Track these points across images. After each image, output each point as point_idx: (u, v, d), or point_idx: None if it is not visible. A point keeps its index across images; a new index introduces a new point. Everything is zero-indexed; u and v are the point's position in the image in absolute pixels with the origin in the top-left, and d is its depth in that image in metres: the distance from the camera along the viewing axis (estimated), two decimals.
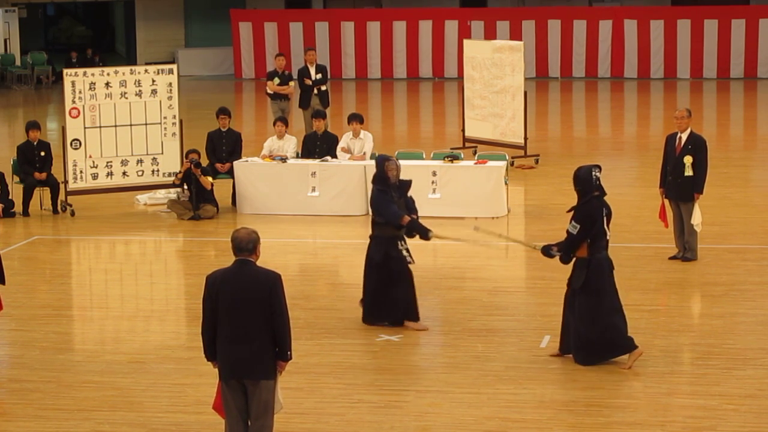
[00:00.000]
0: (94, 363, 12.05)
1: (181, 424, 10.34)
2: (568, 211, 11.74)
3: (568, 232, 11.61)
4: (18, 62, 41.13)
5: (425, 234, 12.93)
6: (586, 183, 11.60)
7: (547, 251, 11.89)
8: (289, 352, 8.95)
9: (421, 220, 13.10)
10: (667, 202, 15.58)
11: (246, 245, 8.87)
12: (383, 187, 12.86)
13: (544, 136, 27.05)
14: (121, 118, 19.14)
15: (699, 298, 14.25)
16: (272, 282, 8.84)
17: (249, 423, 9.02)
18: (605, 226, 11.60)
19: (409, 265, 12.96)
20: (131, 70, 19.47)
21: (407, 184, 13.10)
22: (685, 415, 10.39)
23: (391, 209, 12.76)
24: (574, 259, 11.69)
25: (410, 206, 13.03)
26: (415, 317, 13.02)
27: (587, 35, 38.91)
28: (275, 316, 8.83)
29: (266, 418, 8.98)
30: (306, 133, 21.20)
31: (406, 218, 12.80)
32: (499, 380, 11.33)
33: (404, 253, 12.91)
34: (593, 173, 11.59)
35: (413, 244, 13.22)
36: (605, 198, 11.71)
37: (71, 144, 18.98)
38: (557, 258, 11.85)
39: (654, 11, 38.83)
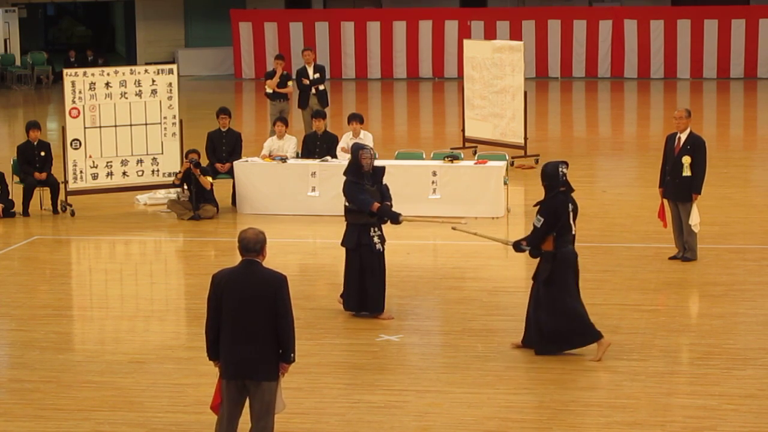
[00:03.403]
0: (94, 363, 12.05)
1: (181, 424, 10.34)
2: (535, 205, 11.99)
3: (533, 225, 11.88)
4: (18, 62, 41.14)
5: (395, 219, 13.22)
6: (553, 179, 11.84)
7: (517, 246, 12.17)
8: (292, 355, 8.95)
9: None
10: (665, 202, 15.59)
11: (254, 246, 8.87)
12: (355, 179, 13.10)
13: (544, 136, 27.05)
14: (121, 118, 19.14)
15: (699, 298, 14.24)
16: (278, 284, 8.84)
17: (251, 422, 9.03)
18: (571, 221, 11.85)
19: (381, 253, 13.19)
20: (131, 70, 19.47)
21: (381, 170, 13.33)
22: (685, 415, 10.39)
23: (362, 197, 13.01)
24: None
25: (384, 193, 13.26)
26: (381, 309, 13.22)
27: (587, 35, 38.91)
28: (279, 318, 8.83)
29: (267, 420, 8.99)
30: (305, 133, 21.20)
31: (376, 205, 13.05)
32: (499, 380, 11.33)
33: (375, 239, 13.10)
34: (560, 169, 11.85)
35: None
36: (573, 194, 11.96)
37: (71, 144, 18.98)
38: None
39: (654, 11, 38.84)
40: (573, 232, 11.88)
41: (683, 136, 15.38)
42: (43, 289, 15.19)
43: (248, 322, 8.82)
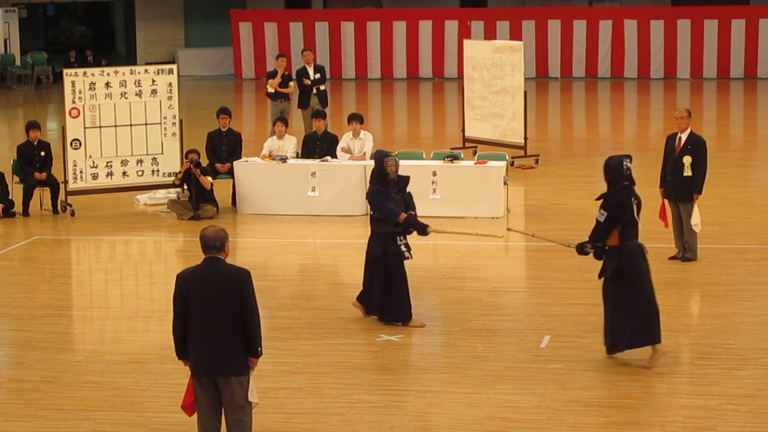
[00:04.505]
0: (94, 363, 12.05)
1: (181, 424, 10.33)
2: (597, 198, 11.77)
3: (596, 220, 11.64)
4: (18, 62, 41.14)
5: (423, 230, 13.01)
6: (616, 172, 11.68)
7: (581, 248, 11.82)
8: (259, 348, 9.03)
9: (422, 220, 13.10)
10: (666, 201, 15.59)
11: (214, 243, 8.97)
12: (381, 187, 12.91)
13: (544, 136, 27.05)
14: (121, 118, 19.14)
15: (699, 298, 14.24)
16: (242, 279, 8.93)
17: (225, 418, 9.08)
18: (636, 215, 11.64)
19: (406, 261, 12.99)
20: (131, 70, 19.47)
21: (405, 180, 13.15)
22: (685, 415, 10.39)
23: (389, 207, 12.82)
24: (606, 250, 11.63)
25: (408, 202, 13.08)
26: (409, 316, 13.05)
27: (587, 35, 38.92)
28: (245, 313, 8.92)
29: (243, 414, 9.06)
30: (306, 133, 21.21)
31: (403, 215, 12.86)
32: (499, 380, 11.33)
33: (402, 248, 12.94)
34: (624, 163, 11.68)
35: (415, 243, 13.21)
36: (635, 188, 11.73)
37: (71, 144, 18.98)
38: (577, 257, 11.93)
39: (654, 11, 38.85)
40: (639, 226, 11.65)
41: (684, 136, 15.39)
42: (43, 289, 15.19)
43: (214, 319, 8.90)
